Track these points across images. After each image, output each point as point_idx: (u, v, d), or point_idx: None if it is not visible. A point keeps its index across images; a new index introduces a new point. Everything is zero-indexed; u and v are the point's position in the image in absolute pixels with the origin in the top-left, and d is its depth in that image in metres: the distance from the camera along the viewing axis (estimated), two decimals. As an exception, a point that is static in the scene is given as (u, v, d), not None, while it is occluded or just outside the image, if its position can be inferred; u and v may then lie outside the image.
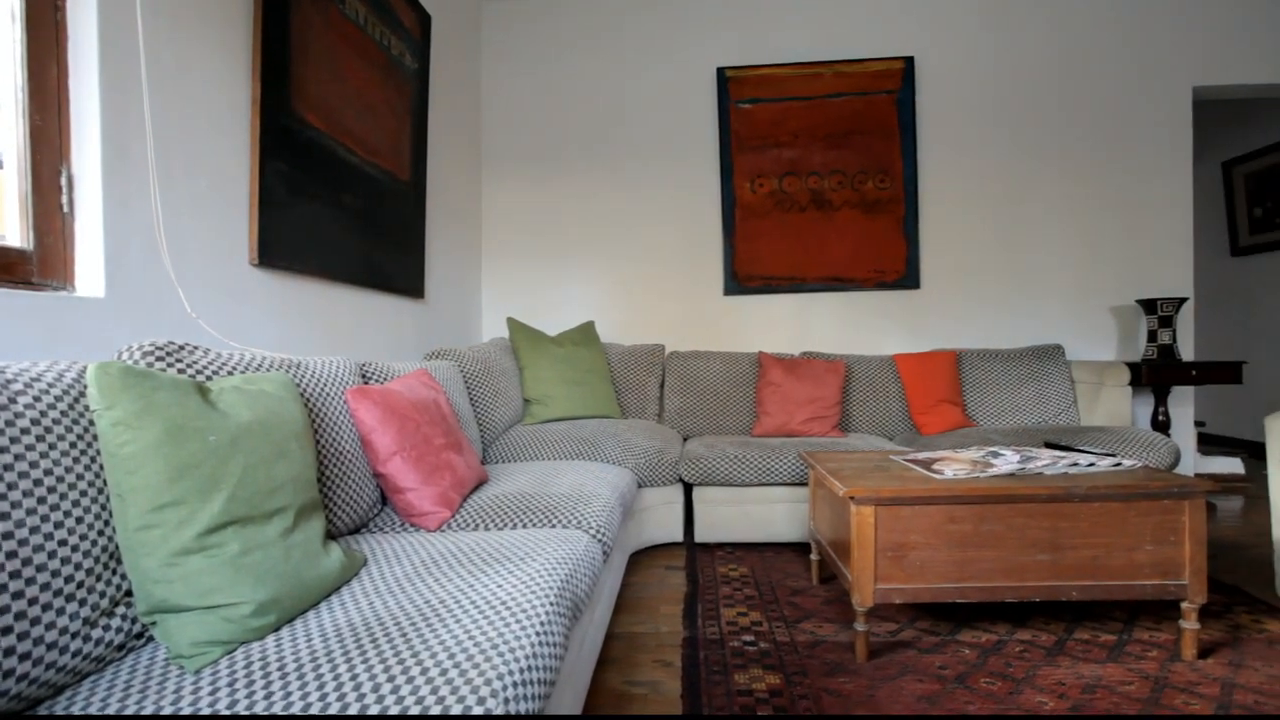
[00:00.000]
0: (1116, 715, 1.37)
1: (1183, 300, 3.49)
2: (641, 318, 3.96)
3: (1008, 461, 1.96)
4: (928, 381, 3.34)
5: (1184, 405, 3.78)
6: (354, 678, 0.86)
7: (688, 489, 3.10)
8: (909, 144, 3.78)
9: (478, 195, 3.97)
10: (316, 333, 2.25)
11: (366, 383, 1.88)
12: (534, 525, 1.72)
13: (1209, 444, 5.26)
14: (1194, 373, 3.39)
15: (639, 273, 3.96)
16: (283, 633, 1.00)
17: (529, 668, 0.93)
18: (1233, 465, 4.09)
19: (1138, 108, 3.77)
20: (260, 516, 1.05)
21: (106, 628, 0.93)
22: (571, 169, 3.98)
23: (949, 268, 3.84)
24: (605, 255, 3.97)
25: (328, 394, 1.58)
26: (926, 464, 2.03)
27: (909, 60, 3.78)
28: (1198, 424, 4.30)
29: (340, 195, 2.34)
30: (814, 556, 2.38)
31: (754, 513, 2.78)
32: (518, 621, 1.02)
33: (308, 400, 1.50)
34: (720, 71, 3.85)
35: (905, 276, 3.80)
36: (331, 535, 1.51)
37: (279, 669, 0.88)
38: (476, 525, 1.71)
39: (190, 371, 1.23)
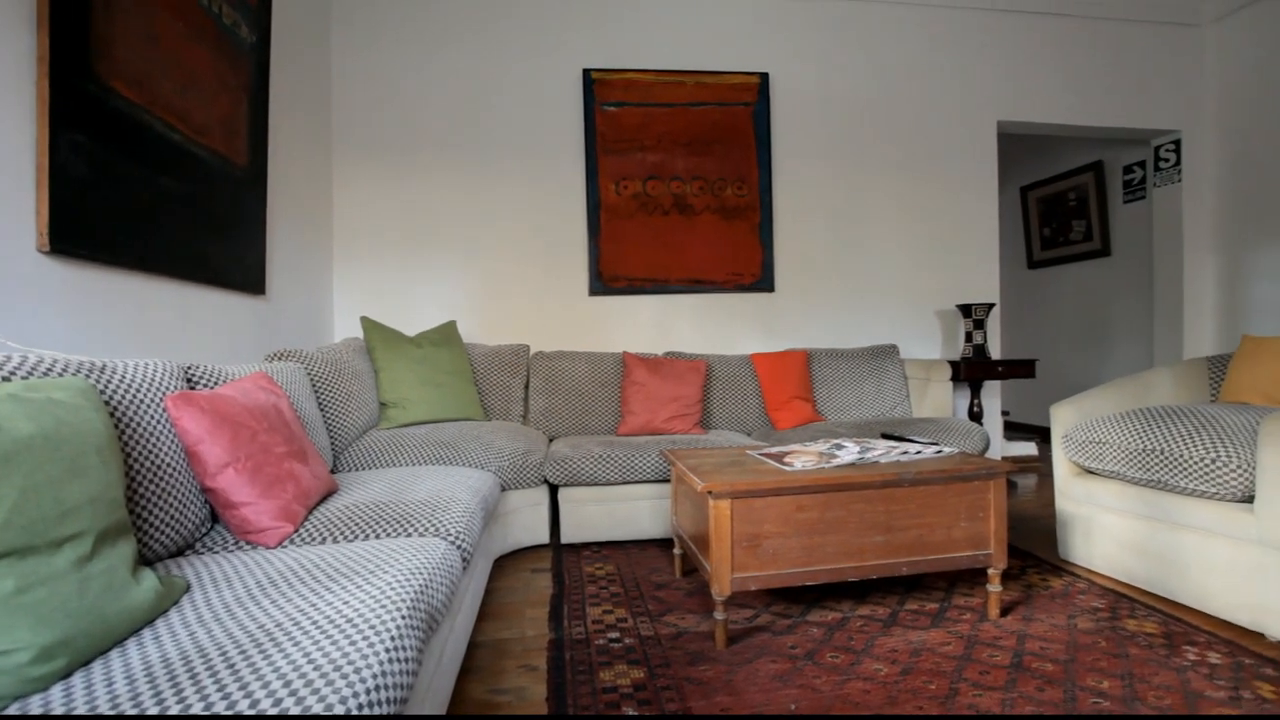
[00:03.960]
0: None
1: (991, 306, 4.00)
2: (506, 318, 3.87)
3: (849, 452, 2.14)
4: (782, 379, 3.56)
5: (993, 397, 4.34)
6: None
7: (553, 490, 3.07)
8: (764, 155, 4.01)
9: (329, 186, 3.68)
10: (131, 333, 1.98)
11: (193, 387, 1.68)
12: (388, 535, 1.62)
13: (1012, 430, 6.06)
14: (1000, 369, 3.90)
15: (503, 272, 3.87)
16: (75, 679, 0.86)
17: (377, 687, 0.87)
18: (1028, 449, 4.75)
19: (953, 136, 4.27)
20: (46, 546, 0.90)
21: None
22: (433, 163, 3.80)
23: (800, 272, 4.12)
24: (468, 254, 3.84)
25: (143, 401, 1.39)
26: (778, 457, 2.16)
27: (764, 76, 4.01)
28: (1004, 413, 4.94)
29: (159, 177, 2.07)
30: (677, 551, 2.45)
31: (619, 511, 2.82)
32: (365, 639, 0.96)
33: (115, 409, 1.32)
34: (586, 73, 3.86)
35: (761, 280, 4.03)
36: (147, 560, 1.34)
37: (70, 720, 0.76)
38: (324, 539, 1.59)
39: (-48, 377, 1.03)
